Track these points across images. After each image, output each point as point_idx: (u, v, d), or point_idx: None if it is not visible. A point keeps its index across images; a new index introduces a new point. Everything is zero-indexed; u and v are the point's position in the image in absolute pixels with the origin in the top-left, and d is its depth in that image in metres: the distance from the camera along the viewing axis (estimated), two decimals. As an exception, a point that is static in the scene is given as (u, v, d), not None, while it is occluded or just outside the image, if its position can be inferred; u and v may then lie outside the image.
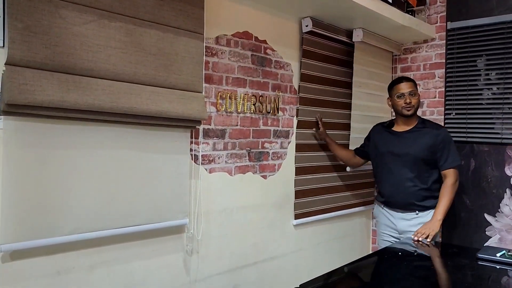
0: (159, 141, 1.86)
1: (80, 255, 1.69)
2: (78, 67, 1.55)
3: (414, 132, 2.44)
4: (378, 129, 2.65)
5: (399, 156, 2.43)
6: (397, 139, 2.47)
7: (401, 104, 2.42)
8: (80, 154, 1.62)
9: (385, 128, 2.58)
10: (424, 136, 2.40)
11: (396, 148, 2.45)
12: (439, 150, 2.37)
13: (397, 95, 2.44)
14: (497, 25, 2.76)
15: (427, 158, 2.38)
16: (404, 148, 2.42)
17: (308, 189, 2.71)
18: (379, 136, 2.58)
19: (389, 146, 2.48)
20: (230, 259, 2.26)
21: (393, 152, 2.45)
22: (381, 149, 2.53)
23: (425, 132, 2.42)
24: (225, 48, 2.18)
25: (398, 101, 2.44)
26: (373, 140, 2.62)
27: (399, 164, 2.43)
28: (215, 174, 2.16)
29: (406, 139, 2.44)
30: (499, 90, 2.76)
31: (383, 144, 2.52)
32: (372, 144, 2.62)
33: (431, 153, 2.38)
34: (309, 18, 2.55)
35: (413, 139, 2.42)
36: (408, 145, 2.42)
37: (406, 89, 2.42)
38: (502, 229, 2.76)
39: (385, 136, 2.54)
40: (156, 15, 1.77)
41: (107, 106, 1.60)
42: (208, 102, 2.11)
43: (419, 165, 2.39)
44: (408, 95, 2.41)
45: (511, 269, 1.73)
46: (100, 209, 1.69)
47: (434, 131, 2.41)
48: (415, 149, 2.39)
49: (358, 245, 3.24)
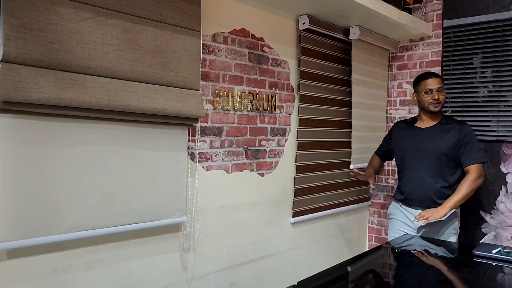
0: (156, 139, 1.86)
1: (77, 253, 1.69)
2: (75, 64, 1.54)
3: (437, 128, 2.42)
4: (400, 126, 2.62)
5: (422, 152, 2.41)
6: (420, 135, 2.45)
7: (429, 100, 2.38)
8: (77, 152, 1.62)
9: (408, 125, 2.55)
10: (447, 132, 2.38)
11: (419, 144, 2.43)
12: (462, 145, 2.34)
13: (425, 90, 2.39)
14: (493, 23, 2.77)
15: (450, 154, 2.35)
16: (427, 144, 2.40)
17: (307, 187, 2.71)
18: (402, 132, 2.56)
19: (412, 142, 2.46)
20: (227, 256, 2.26)
21: (416, 148, 2.43)
22: (404, 146, 2.51)
23: (448, 128, 2.40)
24: (222, 45, 2.17)
25: (425, 96, 2.39)
26: (396, 137, 2.59)
27: (421, 160, 2.40)
28: (212, 172, 2.15)
29: (430, 135, 2.42)
30: (495, 88, 2.77)
31: (406, 140, 2.51)
32: (394, 141, 2.60)
33: (454, 149, 2.35)
34: (306, 16, 2.55)
35: (436, 135, 2.40)
36: (432, 141, 2.40)
37: (435, 85, 2.38)
38: (498, 226, 2.77)
39: (408, 133, 2.52)
40: (153, 12, 1.76)
41: (104, 103, 1.59)
42: (205, 99, 2.10)
43: (441, 162, 2.36)
44: (436, 91, 2.37)
45: (507, 266, 1.75)
46: (98, 207, 1.68)
47: (458, 126, 2.39)
48: (438, 144, 2.37)
49: (355, 242, 3.25)
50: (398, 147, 2.56)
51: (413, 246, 2.16)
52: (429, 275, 1.75)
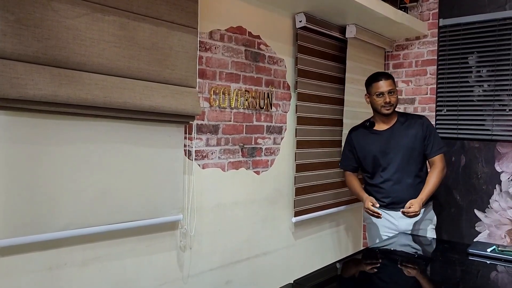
0: (152, 136, 1.85)
1: (72, 251, 1.68)
2: (71, 61, 1.53)
3: (399, 126, 2.43)
4: (359, 133, 2.53)
5: (391, 153, 2.39)
6: (385, 137, 2.42)
7: (381, 103, 2.37)
8: (73, 149, 1.61)
9: (367, 130, 2.50)
10: (410, 128, 2.40)
11: (386, 146, 2.40)
12: (426, 137, 2.38)
13: (376, 93, 2.38)
14: (488, 23, 2.78)
15: (419, 148, 2.38)
16: (395, 144, 2.39)
17: (307, 186, 2.71)
18: (364, 138, 2.49)
19: (380, 146, 2.41)
20: (223, 254, 2.26)
21: (384, 151, 2.40)
22: (372, 152, 2.43)
23: (409, 123, 2.42)
24: (218, 43, 2.16)
25: (377, 100, 2.38)
26: (359, 145, 2.50)
27: (393, 162, 2.39)
28: (208, 170, 2.15)
29: (394, 134, 2.41)
30: (490, 87, 2.79)
31: (372, 146, 2.44)
32: (359, 150, 2.50)
33: (421, 142, 2.38)
34: (302, 14, 2.55)
35: (401, 133, 2.41)
36: (398, 140, 2.39)
37: (386, 87, 2.36)
38: (492, 225, 2.79)
39: (371, 137, 2.46)
40: (150, 9, 1.75)
41: (100, 100, 1.58)
42: (202, 97, 2.10)
43: (412, 158, 2.38)
44: (388, 94, 2.35)
45: (501, 264, 1.76)
46: (93, 204, 1.67)
47: (418, 120, 2.42)
48: (406, 141, 2.38)
49: (351, 240, 3.26)
50: (365, 155, 2.47)
51: (404, 245, 2.17)
52: (424, 274, 1.76)
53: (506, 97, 2.73)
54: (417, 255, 2.03)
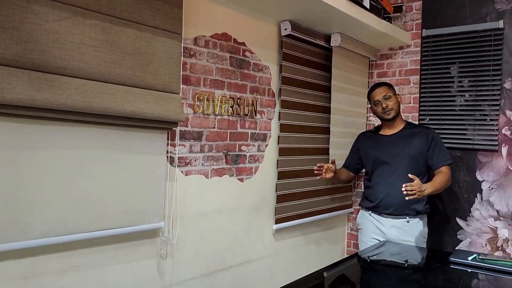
0: (134, 142, 1.82)
1: (49, 259, 1.63)
2: (50, 65, 1.50)
3: (404, 134, 2.48)
4: (365, 136, 2.66)
5: (391, 158, 2.44)
6: (388, 142, 2.49)
7: (379, 110, 2.47)
8: (51, 154, 1.57)
9: (373, 134, 2.59)
10: (414, 136, 2.44)
11: (388, 151, 2.46)
12: (430, 148, 2.40)
13: (374, 103, 2.50)
14: (470, 34, 2.83)
15: (420, 158, 2.41)
16: (396, 150, 2.44)
17: (289, 193, 2.70)
18: (368, 142, 2.59)
19: (381, 150, 2.49)
20: (206, 263, 2.23)
21: (386, 155, 2.46)
22: (373, 155, 2.52)
23: (415, 132, 2.46)
24: (203, 49, 2.15)
25: (376, 108, 2.50)
26: (363, 148, 2.61)
27: (392, 167, 2.42)
28: (191, 177, 2.13)
29: (398, 140, 2.46)
30: (471, 97, 2.83)
31: (374, 148, 2.53)
32: (362, 152, 2.61)
33: (423, 152, 2.40)
34: (288, 22, 2.56)
35: (404, 140, 2.45)
36: (400, 146, 2.44)
37: (380, 94, 2.47)
38: (473, 233, 2.82)
39: (375, 141, 2.55)
40: (133, 13, 1.74)
41: (80, 106, 1.55)
42: (185, 103, 2.08)
43: (413, 166, 2.39)
44: (383, 100, 2.44)
45: (482, 273, 1.77)
46: (72, 212, 1.63)
47: (424, 130, 2.47)
48: (407, 149, 2.41)
49: (334, 248, 3.26)
50: (367, 156, 2.58)
51: (388, 253, 2.18)
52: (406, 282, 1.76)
53: (487, 107, 2.77)
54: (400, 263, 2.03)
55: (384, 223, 2.44)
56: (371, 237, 2.50)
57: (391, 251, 2.19)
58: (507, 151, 2.71)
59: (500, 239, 2.73)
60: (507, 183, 2.71)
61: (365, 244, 2.51)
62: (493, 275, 1.74)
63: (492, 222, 2.76)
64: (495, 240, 2.75)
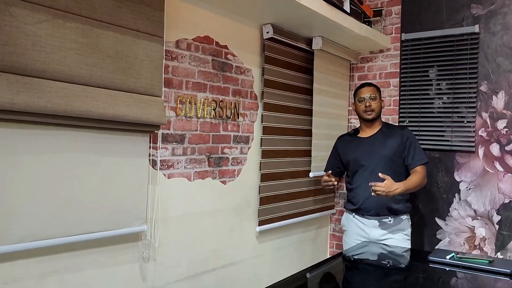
0: (116, 145, 1.81)
1: (29, 264, 1.61)
2: (30, 68, 1.48)
3: (379, 135, 2.51)
4: (344, 139, 2.68)
5: (369, 160, 2.47)
6: (365, 144, 2.52)
7: (362, 108, 2.51)
8: (32, 158, 1.55)
9: (351, 136, 2.63)
10: (390, 137, 2.48)
11: (365, 153, 2.49)
12: (406, 148, 2.44)
13: (358, 99, 2.53)
14: (447, 38, 2.90)
15: (396, 158, 2.44)
16: (373, 151, 2.47)
17: (272, 195, 2.72)
18: (347, 145, 2.62)
19: (359, 152, 2.52)
20: (189, 265, 2.23)
21: (363, 157, 2.49)
22: (352, 157, 2.55)
23: (390, 133, 2.50)
24: (185, 52, 2.16)
25: (359, 105, 2.53)
26: (342, 151, 2.64)
27: (370, 169, 2.45)
28: (173, 180, 2.12)
29: (374, 142, 2.50)
30: (449, 100, 2.90)
31: (353, 151, 2.56)
32: (342, 155, 2.63)
33: (398, 152, 2.44)
34: (270, 25, 2.58)
35: (380, 142, 2.49)
36: (376, 148, 2.48)
37: (367, 93, 2.50)
38: (451, 232, 2.89)
39: (353, 144, 2.58)
40: (114, 16, 1.73)
41: (61, 109, 1.54)
42: (168, 106, 2.08)
43: (389, 167, 2.42)
44: (368, 99, 2.48)
45: (459, 271, 1.82)
46: (53, 215, 1.62)
47: (399, 131, 2.51)
48: (383, 150, 2.45)
49: (317, 249, 3.29)
50: (347, 159, 2.60)
51: (369, 253, 2.21)
52: (386, 281, 1.80)
53: (464, 109, 2.84)
54: (380, 263, 2.07)
55: (367, 224, 2.48)
56: (355, 238, 2.53)
57: (373, 251, 2.22)
58: (484, 152, 2.78)
59: (478, 238, 2.80)
60: (484, 183, 2.78)
61: (349, 245, 2.52)
62: (470, 273, 1.79)
63: (470, 222, 2.82)
64: (473, 239, 2.81)
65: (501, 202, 2.72)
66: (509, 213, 2.70)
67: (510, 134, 2.70)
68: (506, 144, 2.71)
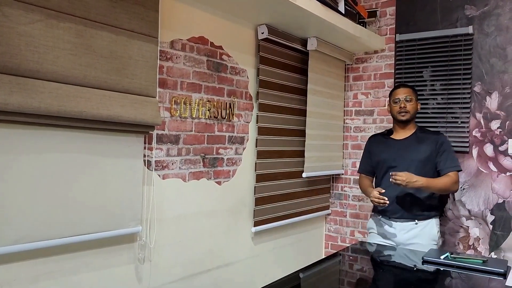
0: (111, 146, 1.81)
1: (23, 266, 1.60)
2: (23, 68, 1.47)
3: (413, 139, 2.45)
4: (376, 139, 2.63)
5: (401, 162, 2.41)
6: (397, 146, 2.47)
7: (396, 109, 2.45)
8: (24, 159, 1.54)
9: (384, 137, 2.57)
10: (424, 142, 2.42)
11: (397, 155, 2.44)
12: (439, 154, 2.38)
13: (393, 100, 2.47)
14: (441, 39, 2.92)
15: (428, 163, 2.38)
16: (405, 154, 2.42)
17: (267, 196, 2.72)
18: (379, 145, 2.57)
19: (390, 154, 2.47)
20: (184, 266, 2.22)
21: (395, 159, 2.44)
22: (382, 158, 2.50)
23: (424, 137, 2.44)
24: (180, 52, 2.15)
25: (394, 106, 2.47)
26: (374, 151, 2.58)
27: (401, 171, 2.33)
28: (168, 180, 2.12)
29: (407, 145, 2.44)
30: (443, 100, 2.91)
31: (384, 152, 2.51)
32: (374, 155, 2.58)
33: (432, 158, 2.38)
34: (265, 26, 2.58)
35: (413, 145, 2.43)
36: (409, 151, 2.42)
37: (402, 94, 2.44)
38: (446, 232, 2.90)
39: (385, 145, 2.53)
40: (108, 17, 1.72)
41: (54, 109, 1.53)
42: (162, 107, 2.07)
43: (420, 171, 2.34)
44: (404, 100, 2.42)
45: (453, 271, 1.82)
46: (47, 217, 1.60)
47: (434, 136, 2.44)
48: (416, 154, 2.39)
49: (312, 249, 3.29)
50: (377, 160, 2.54)
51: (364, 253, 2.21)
52: (380, 281, 1.80)
53: (458, 110, 2.85)
54: (375, 263, 2.07)
55: (394, 227, 2.43)
56: (378, 241, 2.47)
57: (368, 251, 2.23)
58: (478, 152, 2.80)
59: (472, 238, 2.81)
60: (478, 183, 2.79)
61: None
62: (464, 272, 1.80)
63: (464, 222, 2.84)
64: (467, 239, 2.83)
65: (494, 202, 2.74)
66: (502, 213, 2.71)
67: (504, 135, 2.72)
68: (499, 144, 2.73)
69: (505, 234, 2.70)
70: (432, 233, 2.41)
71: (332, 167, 3.23)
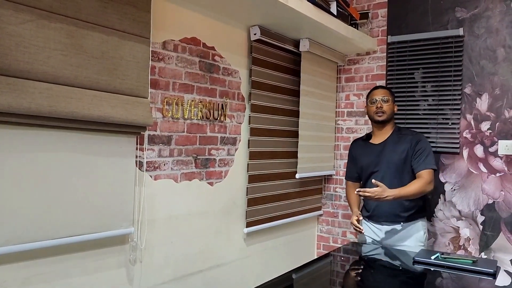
0: (102, 147, 1.80)
1: (13, 268, 1.59)
2: (13, 68, 1.46)
3: (390, 141, 2.46)
4: (357, 144, 2.64)
5: (380, 166, 2.42)
6: (376, 151, 2.47)
7: (373, 109, 2.45)
8: (15, 160, 1.53)
9: (364, 142, 2.59)
10: (400, 143, 2.42)
11: (377, 159, 2.44)
12: (414, 153, 2.37)
13: (370, 100, 2.47)
14: (432, 40, 2.94)
15: (406, 164, 2.38)
16: (383, 158, 2.42)
17: (260, 197, 2.72)
18: (360, 151, 2.58)
19: (370, 158, 2.47)
20: (175, 267, 2.22)
21: (375, 163, 2.44)
22: (364, 163, 2.51)
23: (401, 138, 2.44)
24: (172, 53, 2.15)
25: (371, 106, 2.47)
26: (356, 156, 2.60)
27: (381, 176, 2.38)
28: (160, 181, 2.11)
29: (385, 149, 2.45)
30: (434, 102, 2.94)
31: (365, 157, 2.52)
32: (356, 161, 2.59)
33: (408, 158, 2.38)
34: (257, 27, 2.58)
35: (390, 148, 2.43)
36: (387, 154, 2.42)
37: (379, 95, 2.45)
38: (437, 233, 2.92)
39: (365, 150, 2.54)
40: (99, 17, 1.72)
41: (45, 110, 1.52)
42: (154, 107, 2.07)
43: (399, 174, 2.36)
44: (381, 101, 2.42)
45: (444, 271, 1.84)
46: (37, 218, 1.59)
47: (410, 136, 2.44)
48: (393, 157, 2.40)
49: (305, 250, 3.30)
50: (360, 165, 2.55)
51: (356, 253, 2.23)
52: (372, 281, 1.81)
53: (449, 111, 2.88)
54: (367, 264, 2.08)
55: (381, 229, 2.45)
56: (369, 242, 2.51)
57: (359, 252, 2.24)
58: (468, 153, 2.82)
59: (462, 238, 2.84)
60: (468, 184, 2.82)
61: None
62: (454, 273, 1.81)
63: (455, 222, 2.86)
64: (458, 239, 2.85)
65: (485, 203, 2.77)
66: (492, 213, 2.74)
67: (494, 136, 2.74)
68: (489, 145, 2.75)
69: (495, 235, 2.73)
70: (418, 235, 2.43)
71: (324, 168, 3.24)
